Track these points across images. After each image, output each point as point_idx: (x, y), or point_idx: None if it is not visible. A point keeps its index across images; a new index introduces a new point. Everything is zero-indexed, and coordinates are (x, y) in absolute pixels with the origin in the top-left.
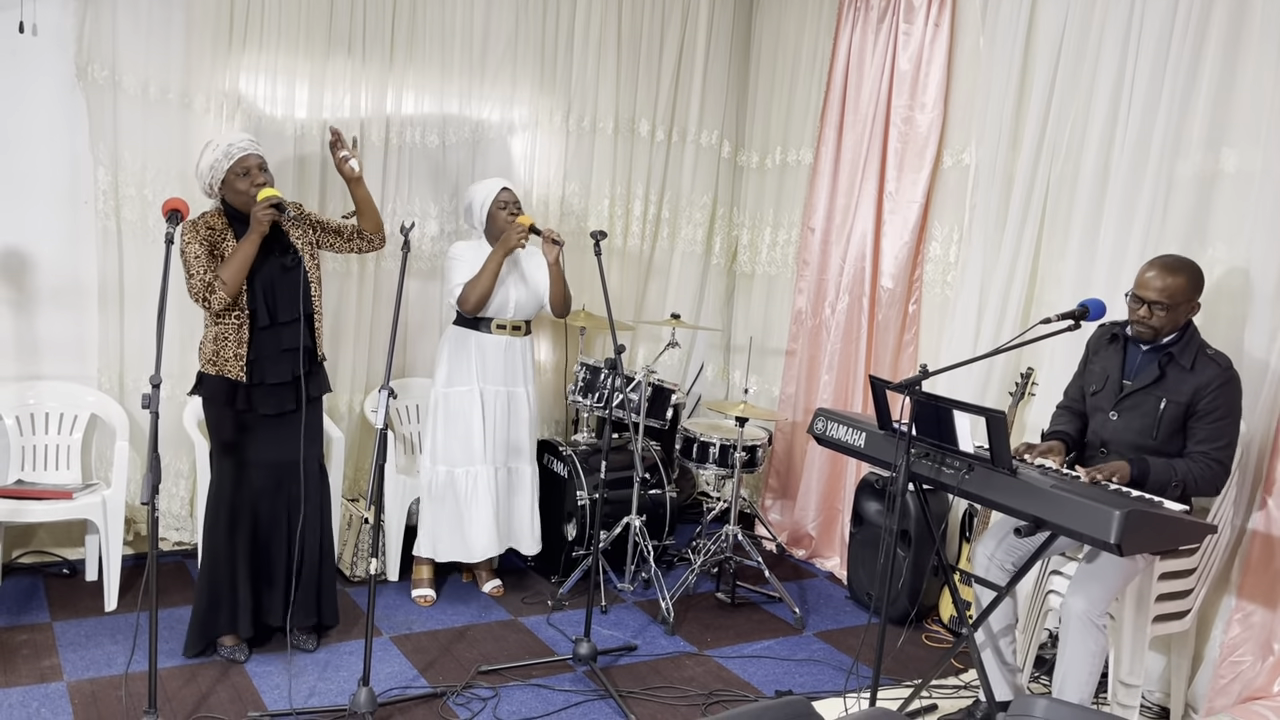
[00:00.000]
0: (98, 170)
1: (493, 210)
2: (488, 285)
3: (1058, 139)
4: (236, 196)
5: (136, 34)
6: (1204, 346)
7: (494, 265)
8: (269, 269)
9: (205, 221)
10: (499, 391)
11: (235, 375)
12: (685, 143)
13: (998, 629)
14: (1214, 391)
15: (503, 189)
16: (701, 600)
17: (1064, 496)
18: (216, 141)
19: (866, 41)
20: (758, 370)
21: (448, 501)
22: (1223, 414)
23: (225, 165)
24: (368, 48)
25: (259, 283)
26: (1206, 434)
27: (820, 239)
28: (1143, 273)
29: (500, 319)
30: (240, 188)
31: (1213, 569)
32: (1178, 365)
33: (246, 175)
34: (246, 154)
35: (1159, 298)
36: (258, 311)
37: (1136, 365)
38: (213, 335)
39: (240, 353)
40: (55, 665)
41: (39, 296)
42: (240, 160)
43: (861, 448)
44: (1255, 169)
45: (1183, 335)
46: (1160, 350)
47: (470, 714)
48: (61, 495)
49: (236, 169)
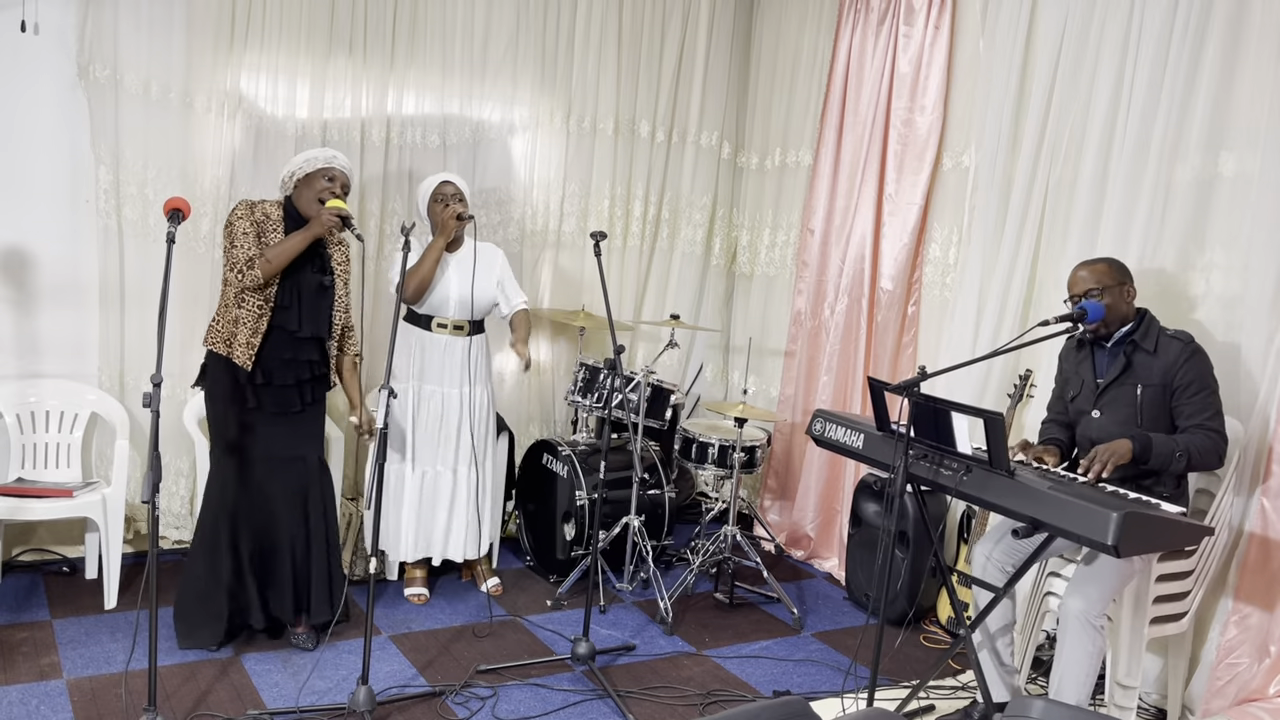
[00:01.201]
0: (99, 169)
1: (430, 204)
2: (425, 272)
3: (1057, 142)
4: (305, 194)
5: (138, 33)
6: (1163, 330)
7: (433, 253)
8: (305, 280)
9: (263, 208)
10: (434, 391)
11: (242, 362)
12: (685, 144)
13: (995, 630)
14: (1183, 367)
15: (443, 182)
16: (700, 600)
17: (1061, 498)
18: (318, 148)
19: (867, 43)
20: (757, 371)
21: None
22: (1200, 386)
23: (318, 163)
24: (369, 47)
25: (290, 286)
26: (1193, 408)
27: (820, 240)
28: (1070, 276)
29: (440, 317)
30: (318, 186)
31: (1210, 571)
32: (1142, 351)
33: (330, 181)
34: (341, 169)
35: (1089, 286)
36: (279, 311)
37: (1105, 363)
38: (232, 317)
39: (253, 341)
40: (55, 663)
41: (40, 295)
42: (331, 168)
43: (860, 449)
44: (1253, 173)
45: (1140, 324)
46: (1123, 342)
47: (469, 713)
48: (61, 493)
49: (324, 172)
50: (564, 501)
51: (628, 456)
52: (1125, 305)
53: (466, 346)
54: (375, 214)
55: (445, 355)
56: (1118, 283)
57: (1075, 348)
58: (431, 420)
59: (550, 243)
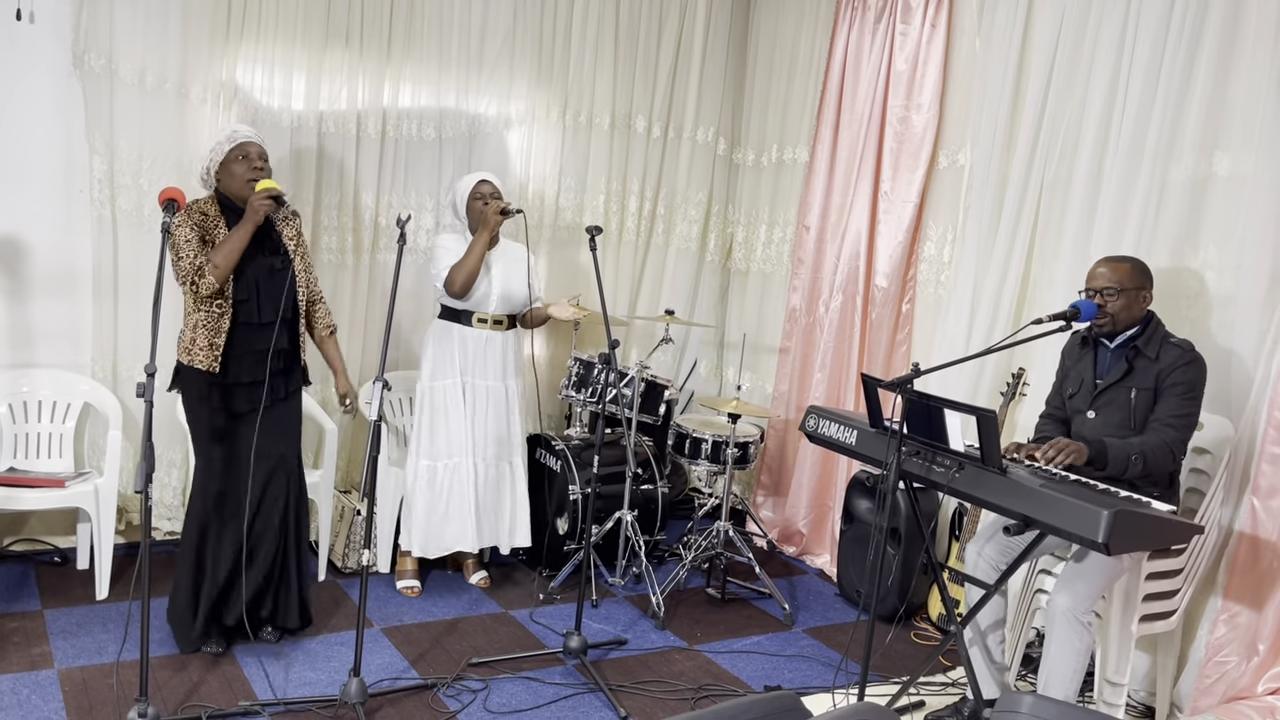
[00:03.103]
0: (93, 159)
1: (470, 202)
2: (473, 266)
3: (1052, 141)
4: (232, 182)
5: (134, 22)
6: (1168, 336)
7: (479, 247)
8: (259, 267)
9: (198, 208)
10: (482, 385)
11: (207, 366)
12: (681, 139)
13: (986, 627)
14: (1177, 370)
15: (481, 181)
16: (692, 595)
17: (1053, 496)
18: (220, 130)
19: (863, 41)
20: (751, 367)
21: (426, 496)
22: (1183, 390)
23: (226, 148)
24: (365, 40)
25: (246, 278)
26: (1165, 408)
27: (815, 237)
28: (1092, 269)
29: (481, 312)
30: (237, 171)
31: (1199, 570)
32: (1144, 357)
33: (245, 160)
34: (249, 140)
35: (1107, 284)
36: (240, 305)
37: (1107, 364)
38: (192, 324)
39: (216, 343)
40: (46, 653)
41: (33, 284)
42: (241, 145)
43: (853, 445)
44: (1248, 173)
45: (1145, 328)
46: (1127, 345)
47: (460, 705)
48: (54, 483)
49: (236, 153)
50: (557, 496)
51: (621, 451)
52: (1139, 309)
53: (504, 341)
54: (370, 207)
55: (487, 350)
56: (1136, 286)
57: (1079, 344)
58: (485, 411)
59: (545, 237)
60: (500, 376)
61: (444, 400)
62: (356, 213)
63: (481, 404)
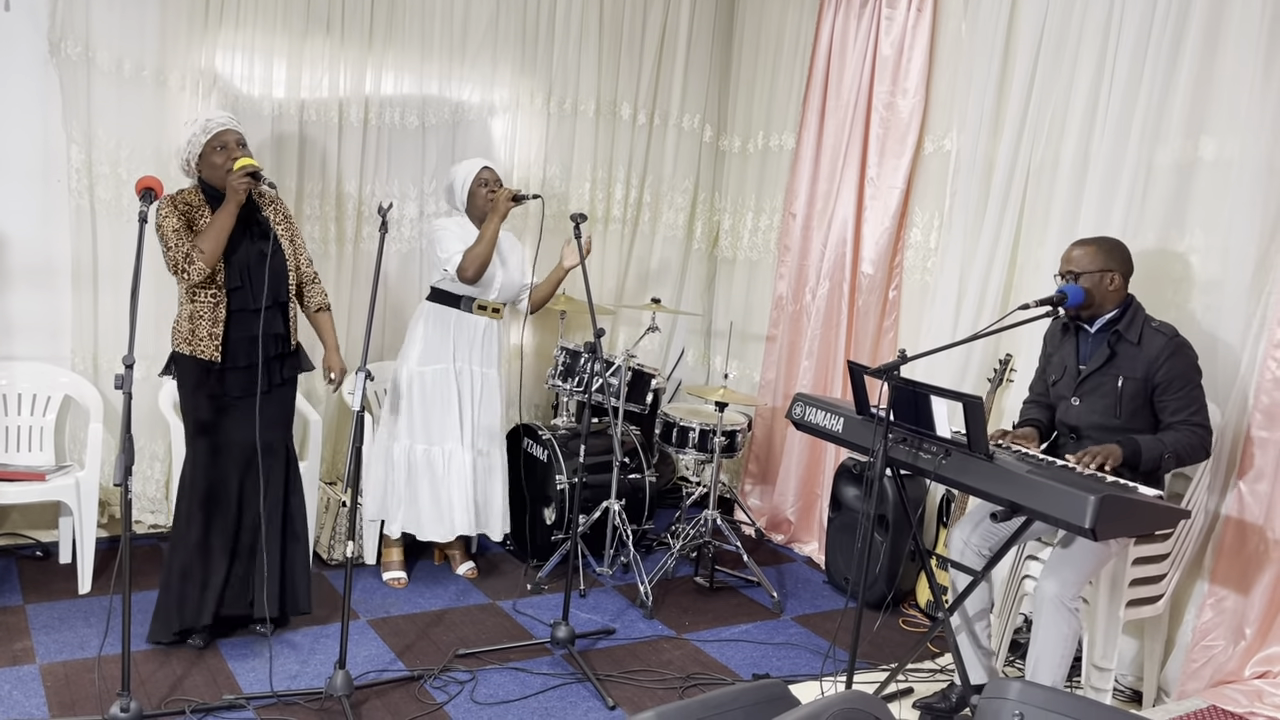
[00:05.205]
0: (71, 148)
1: (473, 189)
2: (487, 253)
3: (1038, 126)
4: (213, 173)
5: (111, 10)
6: (1148, 320)
7: (491, 232)
8: (248, 252)
9: (183, 198)
10: (478, 372)
11: (209, 355)
12: (667, 126)
13: (973, 613)
14: (1167, 362)
15: (484, 168)
16: (680, 584)
17: (1039, 482)
18: (195, 118)
19: (849, 26)
20: (738, 355)
21: (427, 479)
22: (1183, 382)
23: (203, 140)
24: (346, 27)
25: (236, 264)
26: (1177, 404)
27: (801, 224)
28: (1065, 252)
29: (482, 299)
30: (217, 162)
31: (1186, 554)
32: (1126, 341)
33: (224, 150)
34: (224, 129)
35: (1076, 267)
36: (233, 293)
37: (1089, 349)
38: (188, 314)
39: (215, 332)
40: (28, 648)
41: (11, 276)
42: (218, 135)
43: (840, 433)
44: (1234, 157)
45: (1125, 312)
46: (1108, 330)
47: (448, 697)
48: (34, 477)
49: (214, 144)
50: (544, 486)
51: (608, 441)
52: (1105, 292)
53: (498, 330)
54: (353, 195)
55: (485, 337)
56: (1100, 269)
57: (1060, 330)
58: (475, 399)
59: (530, 225)
60: (493, 364)
61: (438, 384)
62: (339, 201)
63: (476, 391)
